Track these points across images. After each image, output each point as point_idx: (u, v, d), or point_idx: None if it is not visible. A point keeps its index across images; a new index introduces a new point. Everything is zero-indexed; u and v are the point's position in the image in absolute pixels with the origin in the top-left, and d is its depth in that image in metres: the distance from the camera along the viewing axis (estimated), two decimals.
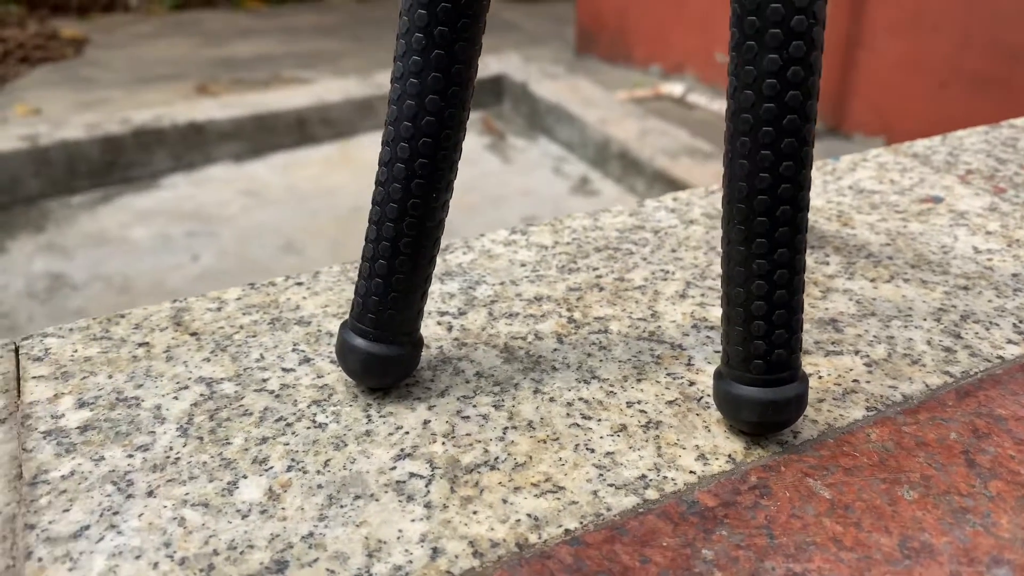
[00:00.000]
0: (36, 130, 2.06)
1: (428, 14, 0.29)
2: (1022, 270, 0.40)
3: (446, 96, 0.29)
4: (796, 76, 0.26)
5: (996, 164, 0.51)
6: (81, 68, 3.13)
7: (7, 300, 1.65)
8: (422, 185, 0.30)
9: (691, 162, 1.85)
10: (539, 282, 0.39)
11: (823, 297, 0.38)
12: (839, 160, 0.51)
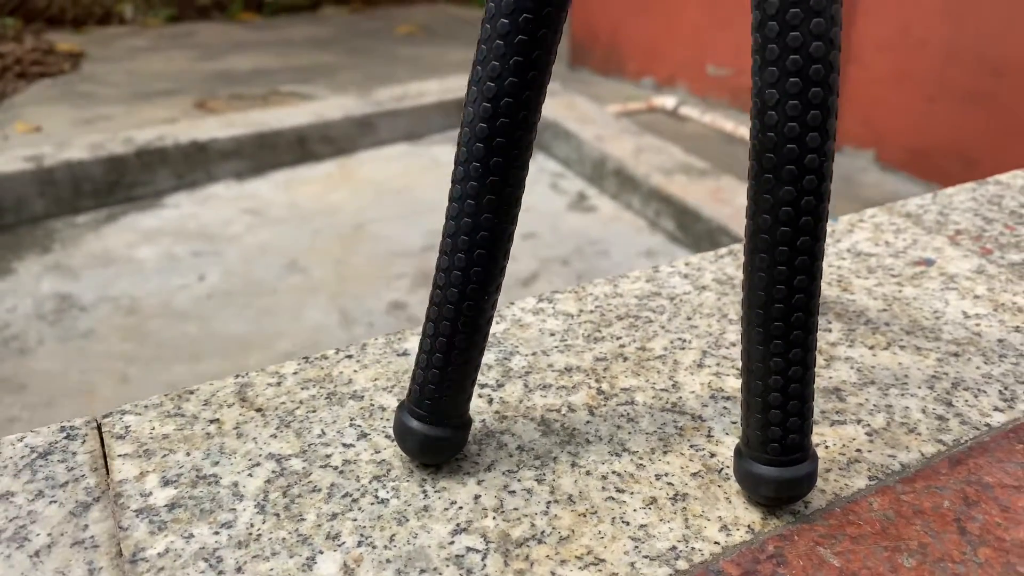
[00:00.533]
0: (41, 151, 2.09)
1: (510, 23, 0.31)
2: (1007, 335, 0.44)
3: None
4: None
5: (983, 224, 0.55)
6: (79, 83, 3.15)
7: (16, 322, 1.67)
8: (476, 291, 0.33)
9: (685, 179, 1.89)
10: (568, 352, 0.43)
11: (827, 366, 0.42)
12: (837, 221, 0.55)
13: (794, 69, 0.28)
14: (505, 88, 0.31)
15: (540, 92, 0.32)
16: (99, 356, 1.56)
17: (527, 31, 0.30)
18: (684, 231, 1.83)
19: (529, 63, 0.31)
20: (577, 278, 1.75)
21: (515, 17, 0.30)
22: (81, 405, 1.43)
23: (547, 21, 0.31)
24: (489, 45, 0.31)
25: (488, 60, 0.31)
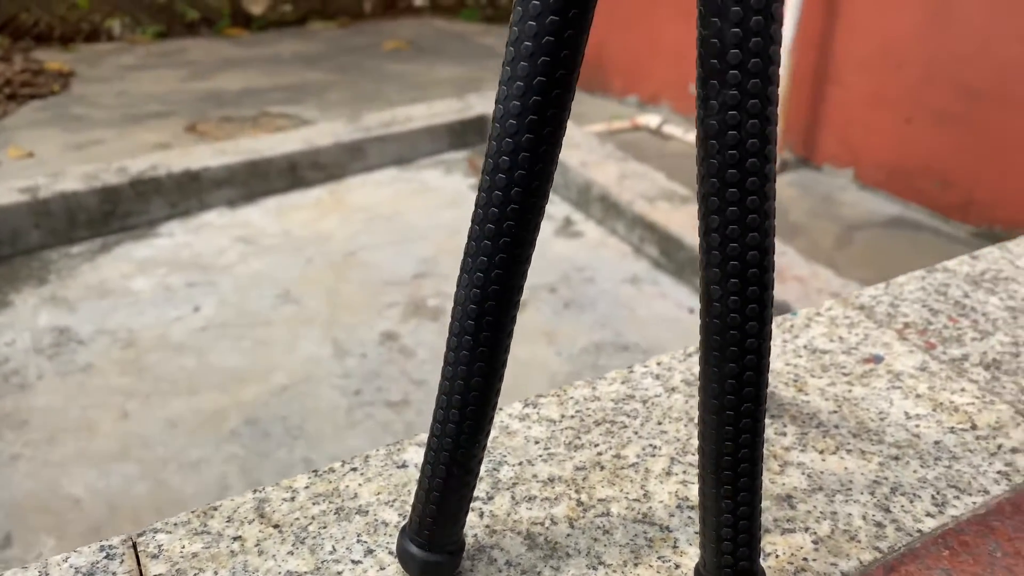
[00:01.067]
0: (36, 182, 2.12)
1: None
2: (943, 436, 0.49)
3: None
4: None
5: (929, 316, 0.60)
6: (70, 105, 3.18)
7: (15, 356, 1.71)
8: (467, 439, 0.38)
9: (668, 206, 1.94)
10: (551, 460, 0.48)
11: (780, 472, 0.47)
12: (796, 315, 0.60)
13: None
14: (534, 88, 0.33)
15: (569, 92, 0.34)
16: (98, 391, 1.60)
17: (555, 32, 0.32)
18: (667, 257, 1.88)
19: (558, 62, 0.33)
20: (564, 306, 1.80)
21: (542, 20, 0.32)
22: (82, 442, 1.47)
23: (574, 22, 0.33)
24: (517, 47, 0.33)
25: (517, 61, 0.33)
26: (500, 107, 0.34)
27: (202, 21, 4.34)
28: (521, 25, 0.33)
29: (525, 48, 0.33)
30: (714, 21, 0.31)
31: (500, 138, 0.34)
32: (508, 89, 0.33)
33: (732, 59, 0.31)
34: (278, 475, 1.39)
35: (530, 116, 0.33)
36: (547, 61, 0.33)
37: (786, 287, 1.63)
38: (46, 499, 1.35)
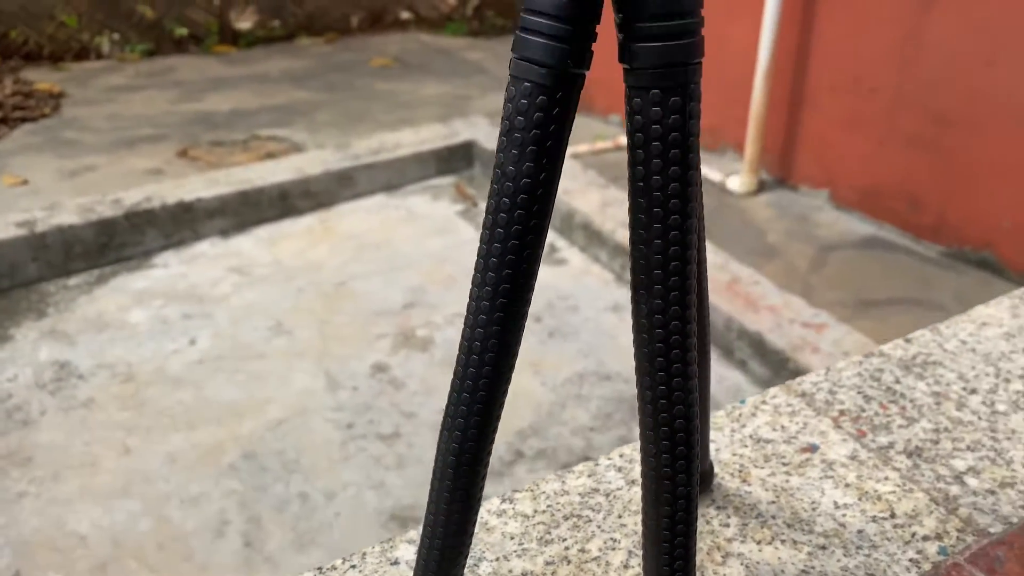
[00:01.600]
0: (33, 215, 2.17)
1: None
2: (865, 526, 0.56)
3: None
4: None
5: (863, 403, 0.67)
6: (61, 128, 3.22)
7: (18, 392, 1.77)
8: (449, 558, 0.44)
9: None
10: (524, 556, 0.55)
11: (722, 563, 0.54)
12: (744, 404, 0.67)
13: None
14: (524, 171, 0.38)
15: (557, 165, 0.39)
16: (100, 426, 1.66)
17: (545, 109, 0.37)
18: None
19: (547, 136, 0.38)
20: (549, 335, 1.87)
21: (534, 98, 0.37)
22: (85, 478, 1.53)
23: (563, 102, 0.38)
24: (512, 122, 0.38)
25: (509, 148, 0.38)
26: (498, 171, 0.39)
27: (190, 38, 4.38)
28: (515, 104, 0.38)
29: (519, 122, 0.38)
30: (641, 248, 0.38)
31: (500, 185, 0.39)
32: (505, 156, 0.39)
33: (656, 277, 0.38)
34: (276, 510, 1.46)
35: (524, 179, 0.39)
36: (538, 134, 0.38)
37: (759, 317, 1.71)
38: (53, 536, 1.41)
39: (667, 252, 0.37)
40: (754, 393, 1.61)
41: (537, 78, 0.37)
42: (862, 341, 1.63)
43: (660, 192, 0.37)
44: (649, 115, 0.36)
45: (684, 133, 0.36)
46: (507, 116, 0.39)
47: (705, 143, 2.86)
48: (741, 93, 2.61)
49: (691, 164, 0.37)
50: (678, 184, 0.37)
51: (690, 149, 0.36)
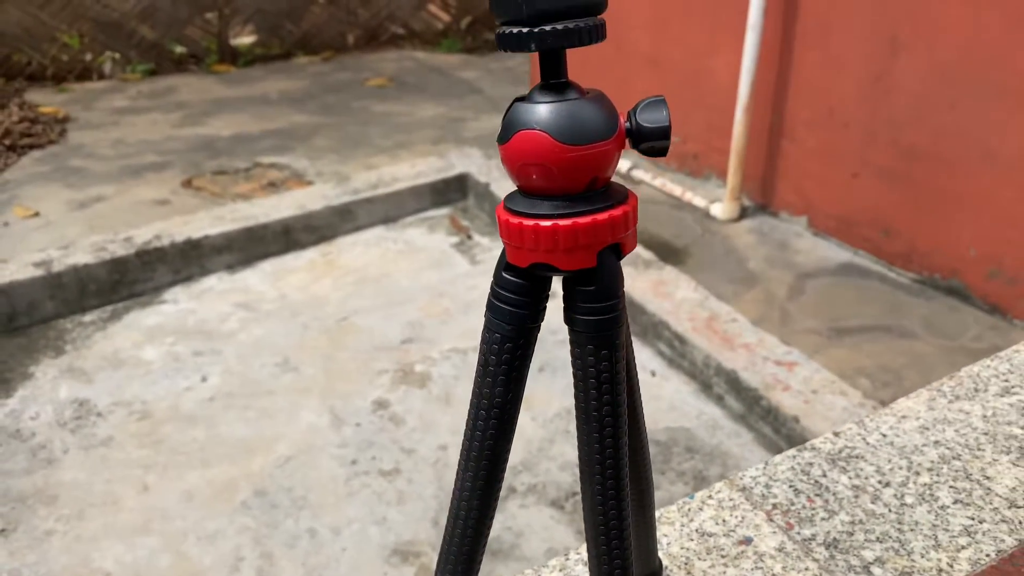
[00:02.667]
0: (49, 255, 2.29)
1: None
2: None
3: None
4: None
5: (793, 496, 0.79)
6: (69, 156, 3.33)
7: (41, 430, 1.88)
8: None
9: (632, 271, 2.13)
10: None
11: None
12: (693, 499, 0.79)
13: None
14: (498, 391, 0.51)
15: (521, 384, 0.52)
16: (120, 464, 1.78)
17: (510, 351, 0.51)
18: (633, 321, 2.07)
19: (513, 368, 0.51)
20: (539, 370, 1.98)
21: (503, 345, 0.50)
22: (108, 516, 1.65)
23: (523, 346, 0.51)
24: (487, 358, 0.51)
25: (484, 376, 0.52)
26: (476, 391, 0.52)
27: (190, 57, 4.48)
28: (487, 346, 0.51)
29: (492, 360, 0.51)
30: (584, 439, 0.50)
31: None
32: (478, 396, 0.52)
33: (595, 460, 0.50)
34: (286, 546, 1.58)
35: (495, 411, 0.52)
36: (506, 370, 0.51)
37: (735, 355, 1.83)
38: (80, 574, 1.53)
39: (603, 450, 0.49)
40: (730, 428, 1.73)
41: (504, 332, 0.49)
42: (828, 379, 1.75)
43: (597, 412, 0.49)
44: (587, 362, 0.48)
45: (611, 373, 0.48)
46: (483, 353, 0.51)
47: (691, 170, 2.98)
48: (724, 123, 2.72)
49: (618, 392, 0.49)
50: (609, 407, 0.48)
51: (616, 382, 0.48)
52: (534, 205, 0.45)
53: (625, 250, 0.48)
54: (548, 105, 0.44)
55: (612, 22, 2.62)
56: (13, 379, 2.04)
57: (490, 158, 2.77)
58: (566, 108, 0.44)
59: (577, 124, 0.44)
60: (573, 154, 0.44)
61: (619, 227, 0.46)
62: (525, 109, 0.45)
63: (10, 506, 1.67)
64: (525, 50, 0.44)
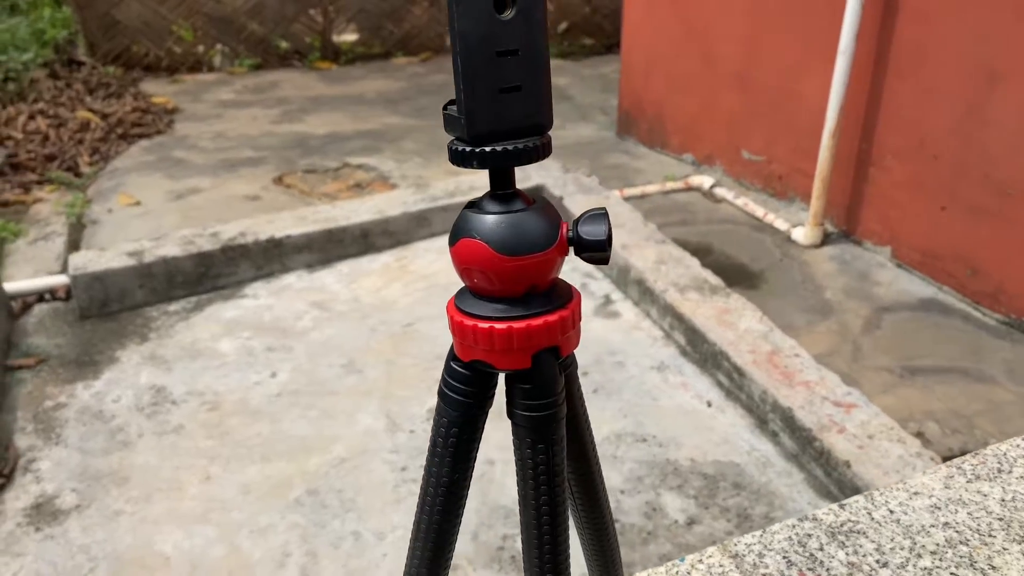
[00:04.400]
0: (142, 246, 2.43)
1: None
2: None
3: None
4: None
5: (785, 568, 0.78)
6: (173, 147, 3.51)
7: (121, 414, 2.01)
8: None
9: (697, 297, 2.11)
10: None
11: None
12: (683, 562, 0.79)
13: None
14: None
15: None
16: (187, 453, 1.88)
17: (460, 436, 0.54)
18: (693, 347, 2.05)
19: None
20: (593, 391, 1.99)
21: (449, 429, 0.54)
22: (172, 502, 1.75)
23: (469, 431, 0.54)
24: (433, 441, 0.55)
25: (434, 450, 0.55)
26: (426, 468, 0.55)
27: (294, 53, 4.64)
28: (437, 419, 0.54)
29: (440, 443, 0.54)
30: (524, 518, 0.52)
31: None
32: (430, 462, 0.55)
33: (533, 532, 0.52)
34: (331, 546, 1.64)
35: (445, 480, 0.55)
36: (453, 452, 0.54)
37: (793, 392, 1.79)
38: (142, 555, 1.63)
39: (540, 526, 0.52)
40: (782, 467, 1.70)
41: (451, 418, 0.52)
42: (887, 425, 1.70)
43: (535, 501, 0.51)
44: (524, 454, 0.50)
45: (548, 467, 0.50)
46: (433, 435, 0.54)
47: (775, 191, 2.92)
48: (810, 145, 2.65)
49: (555, 484, 0.51)
50: (547, 498, 0.51)
51: (554, 475, 0.50)
52: (476, 306, 0.48)
53: (564, 352, 0.50)
54: (491, 216, 0.46)
55: (701, 34, 2.64)
56: (101, 362, 2.18)
57: (567, 171, 2.78)
58: (507, 220, 0.46)
59: (517, 236, 0.46)
60: (511, 264, 0.45)
61: (555, 332, 0.48)
62: (471, 218, 0.47)
63: (87, 483, 1.79)
64: (469, 167, 0.46)
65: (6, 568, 1.60)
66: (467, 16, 0.42)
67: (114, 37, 4.41)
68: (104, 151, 3.45)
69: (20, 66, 4.12)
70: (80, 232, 2.83)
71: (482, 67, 0.43)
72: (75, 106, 3.77)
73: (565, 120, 3.74)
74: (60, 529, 1.68)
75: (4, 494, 1.77)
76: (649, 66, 3.29)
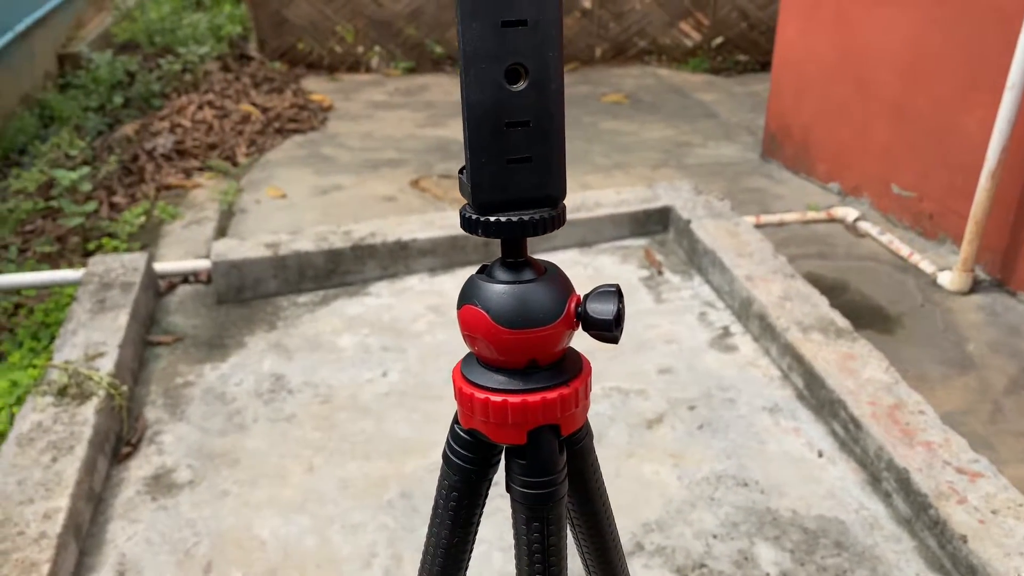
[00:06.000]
0: (279, 238, 2.55)
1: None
2: None
3: None
4: None
5: None
6: (323, 144, 3.68)
7: (240, 397, 2.12)
8: None
9: (821, 339, 2.00)
10: None
11: None
12: None
13: None
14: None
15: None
16: (295, 442, 1.96)
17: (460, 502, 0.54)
18: (810, 392, 1.95)
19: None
20: (698, 427, 1.93)
21: (450, 493, 0.54)
22: (275, 489, 1.83)
23: (471, 496, 0.53)
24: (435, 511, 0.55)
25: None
26: (429, 529, 0.55)
27: (447, 59, 4.76)
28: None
29: (441, 504, 0.54)
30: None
31: None
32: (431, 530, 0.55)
33: None
34: (416, 551, 1.67)
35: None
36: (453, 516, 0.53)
37: (913, 452, 1.67)
38: (241, 536, 1.71)
39: None
40: (891, 530, 1.59)
41: (452, 482, 0.51)
42: (1015, 500, 1.55)
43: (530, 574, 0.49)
44: (520, 529, 0.49)
45: (543, 544, 0.48)
46: (436, 497, 0.53)
47: (923, 230, 2.73)
48: (966, 185, 2.47)
49: (551, 563, 0.49)
50: (540, 567, 0.49)
51: (550, 554, 0.48)
52: (478, 373, 0.46)
53: (565, 430, 0.48)
54: (496, 285, 0.45)
55: (857, 59, 2.52)
56: (230, 346, 2.30)
57: (699, 193, 2.71)
58: (511, 291, 0.45)
59: (519, 308, 0.44)
60: (510, 336, 0.44)
61: (553, 410, 0.46)
62: (477, 284, 0.46)
63: (202, 461, 1.90)
64: (475, 235, 0.45)
65: (122, 532, 1.72)
66: (477, 86, 0.41)
67: (282, 35, 4.67)
68: (260, 143, 3.65)
69: (197, 58, 4.43)
70: (229, 219, 3.00)
71: (490, 137, 0.41)
72: (240, 99, 4.01)
73: (707, 138, 3.64)
74: (172, 502, 1.78)
75: (129, 461, 1.90)
76: (800, 88, 3.16)
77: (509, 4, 0.40)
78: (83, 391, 1.92)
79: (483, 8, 0.39)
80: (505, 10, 0.40)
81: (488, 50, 0.40)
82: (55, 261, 2.73)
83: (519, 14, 0.40)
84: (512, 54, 0.41)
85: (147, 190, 3.18)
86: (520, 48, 0.41)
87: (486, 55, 0.40)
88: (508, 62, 0.41)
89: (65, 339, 2.11)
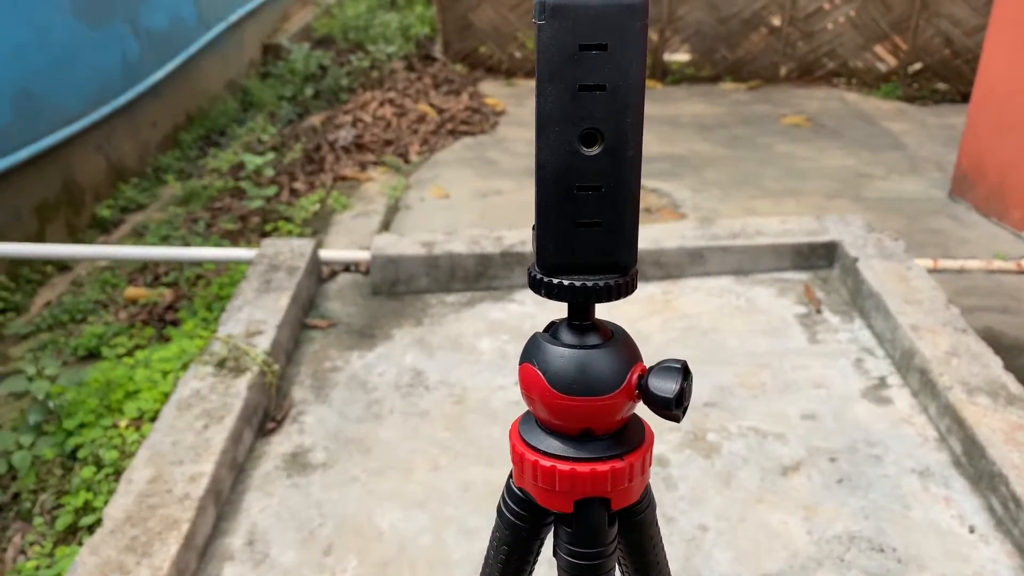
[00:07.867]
0: (434, 238, 2.63)
1: None
2: None
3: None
4: None
5: None
6: (490, 147, 3.75)
7: (381, 387, 2.19)
8: None
9: (988, 403, 1.83)
10: None
11: None
12: None
13: None
14: None
15: None
16: (425, 438, 2.01)
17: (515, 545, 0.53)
18: (969, 460, 1.79)
19: None
20: (837, 481, 1.81)
21: (500, 546, 0.53)
22: (399, 482, 1.88)
23: (527, 542, 0.53)
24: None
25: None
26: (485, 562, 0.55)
27: None
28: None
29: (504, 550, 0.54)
30: None
31: None
32: None
33: None
34: None
35: None
36: None
37: None
38: (362, 524, 1.77)
39: None
40: None
41: (503, 536, 0.50)
42: None
43: None
44: None
45: None
46: (488, 547, 0.52)
47: None
48: None
49: None
50: None
51: None
52: (533, 434, 0.45)
53: (616, 504, 0.45)
54: (557, 348, 0.44)
55: None
56: (378, 337, 2.39)
57: (871, 230, 2.54)
58: (571, 356, 0.43)
59: (577, 375, 0.42)
60: (563, 402, 0.42)
61: (602, 483, 0.43)
62: (539, 343, 0.44)
63: (337, 445, 1.99)
64: (540, 295, 0.43)
65: (256, 503, 1.82)
66: (550, 148, 0.40)
67: (466, 38, 4.80)
68: (432, 143, 3.77)
69: (384, 56, 4.63)
70: (394, 214, 3.12)
71: (559, 200, 0.40)
72: (419, 98, 4.16)
73: (891, 171, 3.42)
74: (305, 481, 1.87)
75: (272, 437, 2.02)
76: (1001, 124, 2.90)
77: (588, 69, 0.38)
78: (239, 365, 2.05)
79: (561, 72, 0.38)
80: (583, 75, 0.38)
81: (564, 113, 0.39)
82: (236, 238, 2.93)
83: (598, 79, 0.39)
84: (588, 119, 0.39)
85: (324, 179, 3.36)
86: (597, 113, 0.39)
87: (561, 118, 0.39)
88: (583, 127, 0.39)
89: (231, 314, 2.27)
